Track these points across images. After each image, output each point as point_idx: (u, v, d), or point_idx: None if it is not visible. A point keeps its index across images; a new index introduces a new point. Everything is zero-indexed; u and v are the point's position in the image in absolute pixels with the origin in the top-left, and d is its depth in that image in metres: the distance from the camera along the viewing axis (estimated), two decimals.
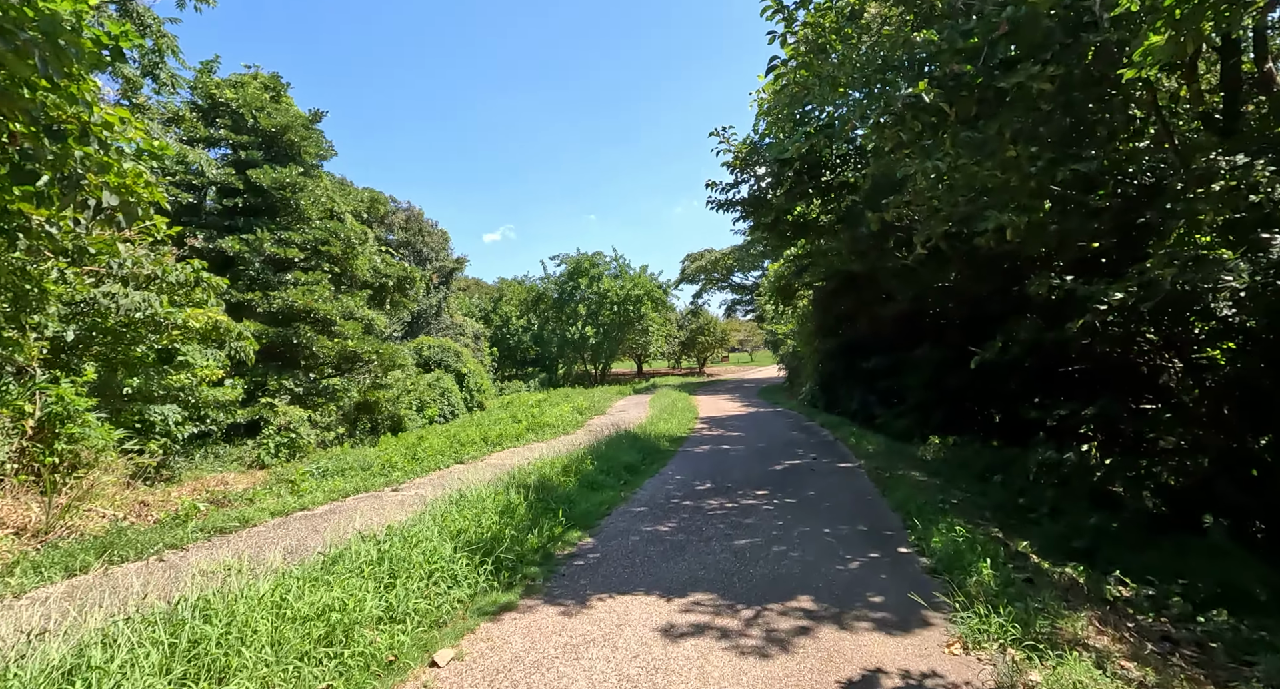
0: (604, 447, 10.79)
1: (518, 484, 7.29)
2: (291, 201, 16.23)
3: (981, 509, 7.73)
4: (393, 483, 9.73)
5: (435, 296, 34.96)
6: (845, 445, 12.80)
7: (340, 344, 16.28)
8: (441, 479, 9.86)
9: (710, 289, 44.30)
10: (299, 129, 16.75)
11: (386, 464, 10.84)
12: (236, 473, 12.88)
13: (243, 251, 15.17)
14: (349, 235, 17.76)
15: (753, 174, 9.86)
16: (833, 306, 17.94)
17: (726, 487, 9.02)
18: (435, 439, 15.09)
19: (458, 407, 25.28)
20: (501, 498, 6.51)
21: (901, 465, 10.22)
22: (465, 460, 11.72)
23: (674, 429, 15.25)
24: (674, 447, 12.90)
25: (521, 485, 7.15)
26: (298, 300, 15.42)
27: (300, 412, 15.22)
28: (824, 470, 10.14)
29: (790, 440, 13.75)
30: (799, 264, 17.64)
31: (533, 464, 8.77)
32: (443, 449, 13.72)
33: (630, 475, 9.68)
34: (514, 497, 6.64)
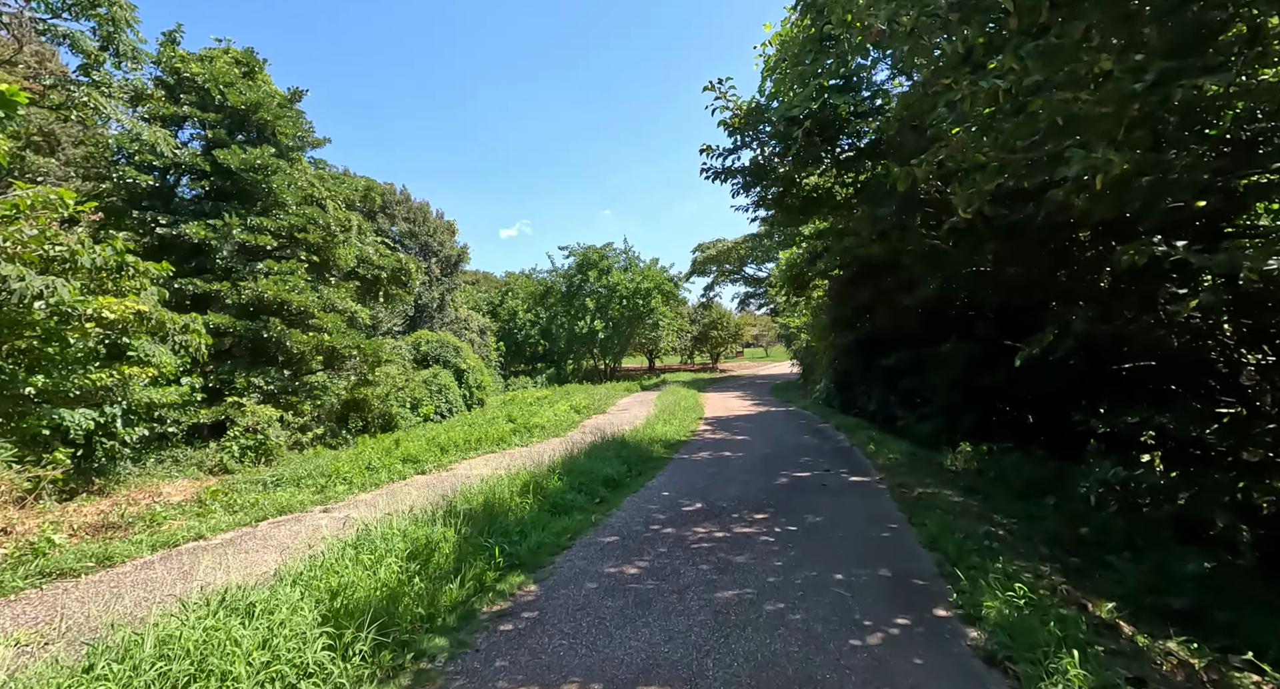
0: (583, 456, 9.31)
1: (453, 511, 5.84)
2: (263, 185, 14.93)
3: (1034, 543, 6.12)
4: (332, 499, 8.34)
5: (438, 289, 33.75)
6: (862, 453, 11.19)
7: (316, 339, 14.96)
8: (389, 495, 8.45)
9: (722, 281, 42.51)
10: (273, 107, 15.42)
11: (336, 474, 9.47)
12: (190, 479, 11.63)
13: (209, 238, 13.90)
14: (329, 223, 16.43)
15: (756, 138, 8.27)
16: (849, 297, 16.25)
17: (720, 507, 7.49)
18: (412, 442, 13.72)
19: (456, 404, 24.02)
20: (421, 532, 5.04)
21: (929, 479, 8.61)
22: (428, 470, 10.31)
23: (673, 432, 13.73)
24: (669, 453, 11.38)
25: (453, 514, 5.68)
26: (268, 291, 14.12)
27: (271, 411, 13.94)
28: (837, 486, 8.56)
29: (800, 446, 12.16)
30: (812, 251, 15.98)
31: (489, 480, 7.30)
32: (417, 453, 12.35)
33: (609, 492, 8.19)
34: (439, 530, 5.17)
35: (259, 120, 15.27)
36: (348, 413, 18.83)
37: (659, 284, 37.05)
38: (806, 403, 20.37)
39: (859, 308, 16.74)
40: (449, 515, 5.62)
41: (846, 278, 15.45)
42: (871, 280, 15.06)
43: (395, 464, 10.47)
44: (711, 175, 8.78)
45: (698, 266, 41.92)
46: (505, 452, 12.34)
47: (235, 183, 14.74)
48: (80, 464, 10.91)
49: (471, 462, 11.28)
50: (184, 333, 10.69)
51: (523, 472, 7.69)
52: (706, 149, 8.60)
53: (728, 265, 40.49)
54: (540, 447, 12.61)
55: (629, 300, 36.44)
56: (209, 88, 14.40)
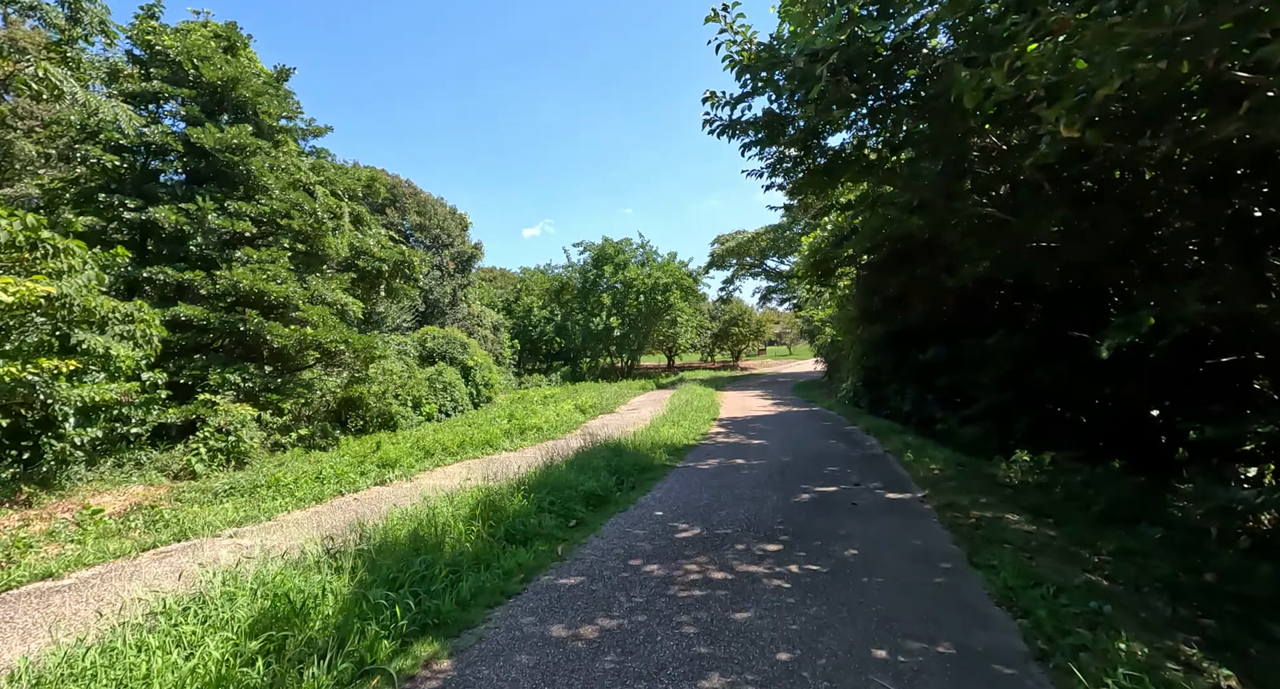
0: (565, 466, 7.81)
1: (370, 543, 4.39)
2: (241, 167, 13.74)
3: (1145, 596, 4.46)
4: (255, 519, 6.97)
5: (449, 285, 32.63)
6: (898, 462, 9.51)
7: (299, 333, 13.74)
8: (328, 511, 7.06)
9: (742, 275, 40.54)
10: (253, 84, 14.23)
11: (277, 486, 8.10)
12: (146, 485, 10.44)
13: (180, 223, 12.75)
14: (316, 209, 15.21)
15: (770, 83, 6.68)
16: (880, 286, 14.50)
17: (722, 535, 5.94)
18: (395, 445, 12.42)
19: (462, 402, 22.84)
20: (294, 585, 3.59)
21: (984, 498, 6.93)
22: (390, 480, 8.91)
23: (680, 435, 12.17)
24: (673, 460, 9.83)
25: (358, 552, 4.23)
26: (243, 281, 12.92)
27: (247, 410, 12.74)
28: (871, 506, 6.92)
29: (824, 453, 10.51)
30: (838, 233, 14.28)
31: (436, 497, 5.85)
32: (396, 457, 11.01)
33: (589, 512, 6.68)
34: (322, 579, 3.73)
35: (238, 98, 14.09)
36: (345, 412, 17.73)
37: (678, 279, 35.44)
38: (831, 403, 18.61)
39: (891, 297, 14.98)
40: (359, 554, 4.17)
41: (877, 263, 13.72)
42: (906, 264, 13.32)
43: (353, 473, 9.08)
44: (717, 129, 7.19)
45: (716, 259, 40.07)
46: (490, 457, 10.92)
47: (211, 164, 13.59)
48: (26, 468, 9.84)
49: (448, 469, 9.88)
50: (127, 322, 9.50)
51: (476, 489, 6.21)
52: (710, 97, 7.02)
53: (748, 258, 38.57)
54: (531, 451, 11.17)
55: (646, 296, 34.89)
56: (182, 62, 13.25)
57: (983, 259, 8.55)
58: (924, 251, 13.06)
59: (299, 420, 15.04)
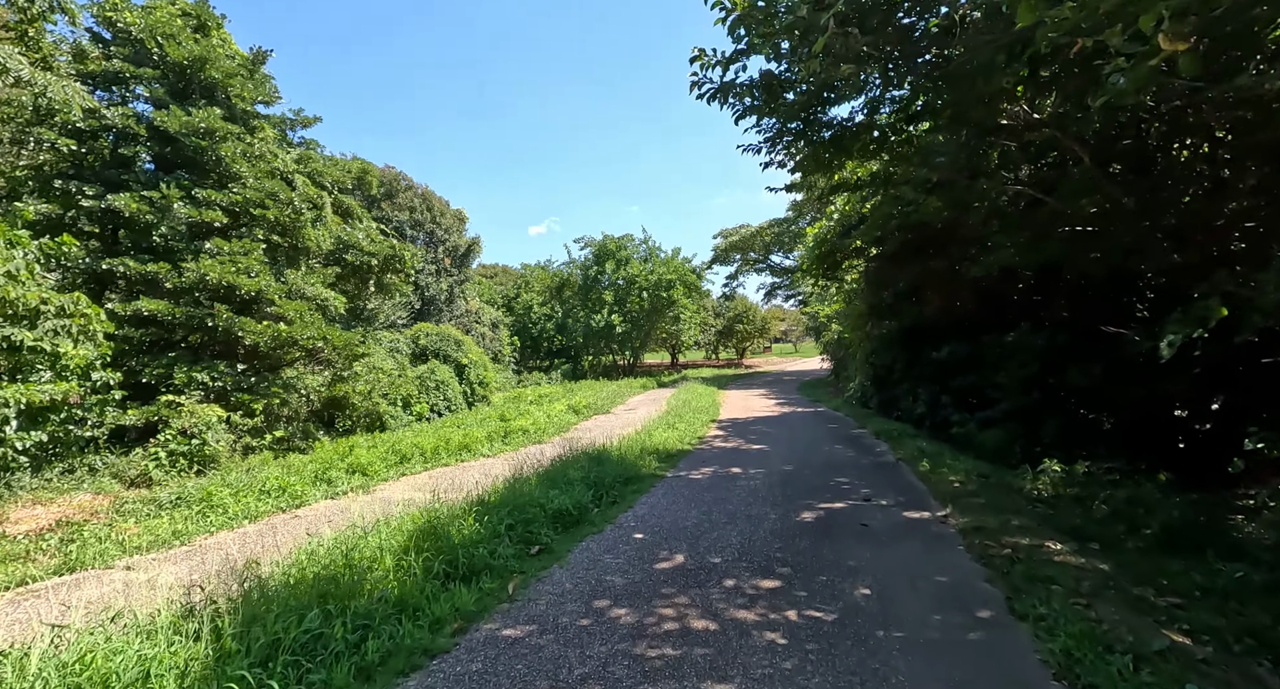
0: (535, 478, 6.88)
1: (254, 591, 3.47)
2: (210, 153, 12.87)
3: (1239, 658, 3.49)
4: (176, 540, 6.07)
5: (446, 281, 31.77)
6: (912, 472, 8.51)
7: (273, 329, 12.87)
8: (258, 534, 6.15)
9: (746, 271, 39.41)
10: (225, 65, 13.35)
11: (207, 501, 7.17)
12: (94, 494, 9.62)
13: (142, 212, 11.90)
14: (294, 199, 14.33)
15: (767, 38, 5.70)
16: (891, 278, 13.49)
17: (710, 565, 4.99)
18: (371, 449, 11.52)
19: (455, 401, 21.99)
20: (111, 667, 2.67)
21: (1016, 519, 5.92)
22: (344, 492, 7.99)
23: (675, 439, 11.21)
24: (663, 469, 8.88)
25: (238, 604, 3.31)
26: (210, 273, 12.05)
27: (215, 411, 11.89)
28: (885, 528, 5.95)
29: (830, 461, 9.53)
30: (846, 222, 13.27)
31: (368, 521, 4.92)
32: (368, 463, 10.14)
33: (558, 534, 5.74)
34: (161, 655, 2.80)
35: (206, 80, 13.20)
36: (331, 412, 16.92)
37: (681, 275, 34.46)
38: (838, 403, 17.61)
39: (902, 291, 13.98)
40: (233, 609, 3.25)
41: (888, 254, 12.71)
42: (920, 255, 12.32)
43: (304, 485, 8.15)
44: (708, 94, 6.21)
45: (719, 255, 38.96)
46: (465, 464, 10.01)
47: (178, 150, 12.72)
48: None
49: (415, 478, 8.97)
50: (62, 316, 8.63)
51: (416, 513, 5.25)
52: (699, 56, 6.04)
53: (752, 253, 37.46)
54: (511, 457, 10.24)
55: (649, 293, 33.94)
56: (145, 40, 12.38)
57: (1010, 245, 7.53)
58: (939, 241, 12.04)
59: (277, 421, 14.21)
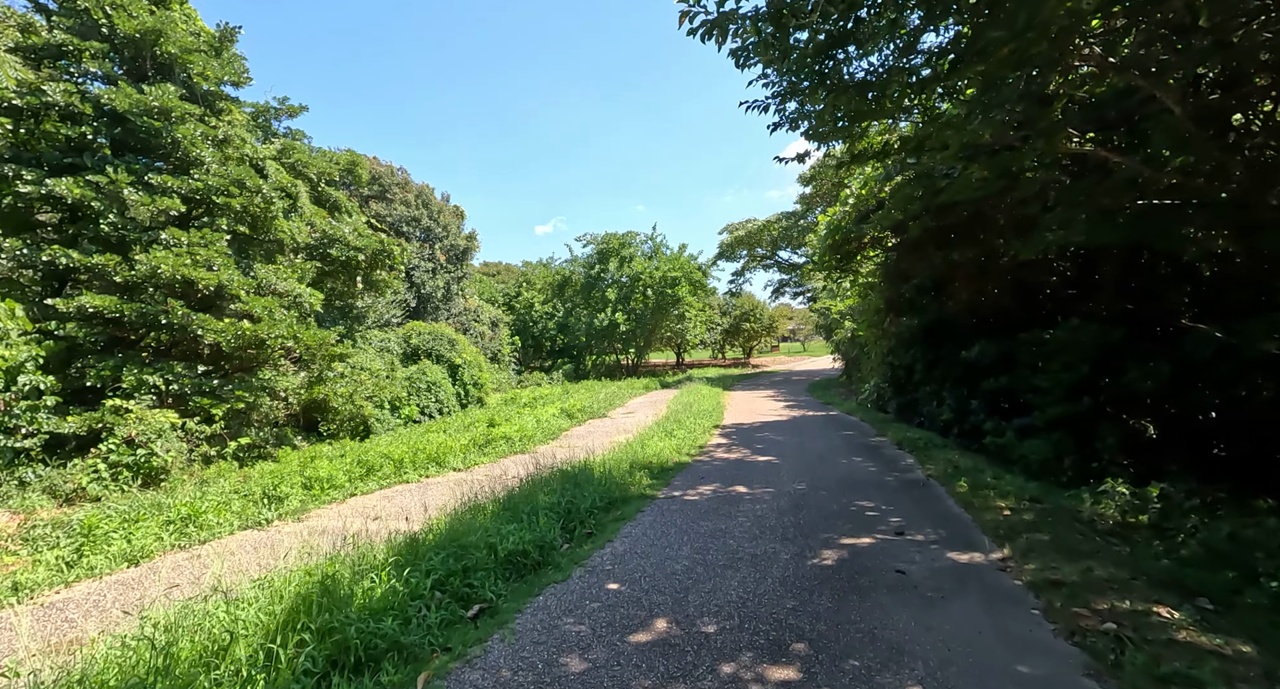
0: (493, 507, 5.59)
1: None
2: (166, 136, 11.69)
3: None
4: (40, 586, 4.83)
5: (442, 278, 30.59)
6: (948, 493, 7.16)
7: (236, 328, 11.68)
8: (122, 586, 4.90)
9: (753, 267, 37.90)
10: (183, 40, 12.15)
11: (89, 534, 5.89)
12: (12, 513, 8.46)
13: (86, 197, 10.73)
14: (264, 188, 13.12)
15: None
16: (913, 269, 12.12)
17: (700, 638, 3.69)
18: (335, 459, 10.31)
19: (448, 403, 20.84)
20: None
21: (1101, 569, 4.58)
22: (268, 522, 6.70)
23: (672, 449, 9.90)
24: (654, 488, 7.58)
25: None
26: (163, 265, 10.87)
27: (168, 417, 10.73)
28: (927, 577, 4.61)
29: (850, 476, 8.19)
30: (862, 208, 11.90)
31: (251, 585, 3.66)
32: (328, 476, 8.92)
33: (509, 584, 4.45)
34: None
35: (162, 56, 12.01)
36: (313, 416, 15.77)
37: (686, 272, 33.10)
38: (852, 406, 16.23)
39: (924, 285, 12.59)
40: None
41: (911, 242, 11.32)
42: (946, 243, 10.95)
43: (220, 511, 6.87)
44: (701, 29, 4.93)
45: (725, 250, 37.46)
46: (428, 481, 8.75)
47: (130, 132, 11.54)
48: None
49: (364, 499, 7.72)
50: None
51: (301, 571, 3.94)
52: None
53: (759, 249, 35.95)
54: (487, 471, 8.99)
55: (653, 290, 32.61)
56: (89, 8, 11.20)
57: (1072, 221, 6.16)
58: (969, 226, 10.65)
59: (245, 427, 13.05)
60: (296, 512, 6.99)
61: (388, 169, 30.05)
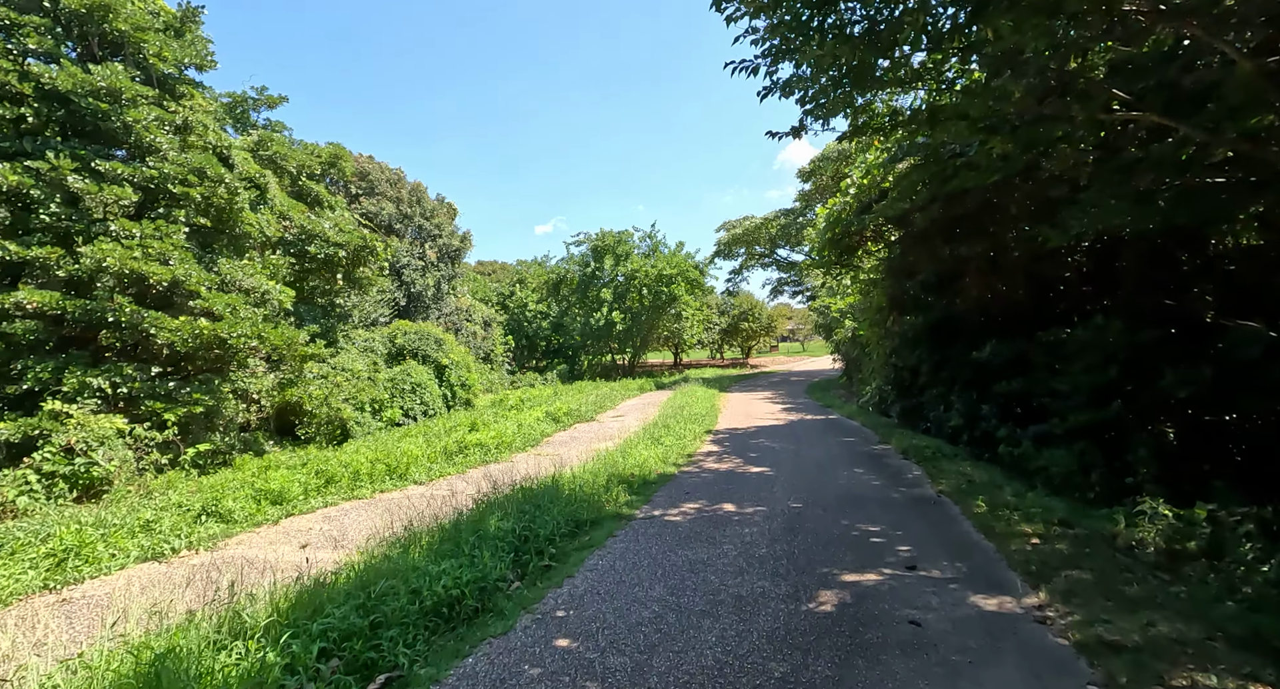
0: (427, 540, 4.71)
1: None
2: (116, 120, 10.82)
3: None
4: None
5: (433, 276, 29.72)
6: (966, 515, 6.26)
7: (193, 326, 10.81)
8: None
9: (751, 266, 36.92)
10: (136, 17, 11.28)
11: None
12: None
13: (25, 185, 9.87)
14: (227, 178, 12.25)
15: None
16: (919, 263, 11.24)
17: None
18: (287, 471, 9.43)
19: (433, 405, 20.00)
20: None
21: (1163, 621, 3.71)
22: (175, 552, 5.79)
23: (658, 458, 9.02)
24: (632, 506, 6.70)
25: None
26: (109, 259, 10.02)
27: (114, 423, 9.88)
28: (949, 631, 3.71)
29: (851, 492, 7.30)
30: (864, 198, 11.01)
31: None
32: (280, 489, 8.08)
33: (432, 642, 3.55)
34: None
35: (112, 34, 11.15)
36: (289, 419, 14.92)
37: (683, 271, 32.19)
38: (852, 410, 15.34)
39: (930, 281, 11.69)
40: None
41: (917, 234, 10.44)
42: (955, 234, 10.08)
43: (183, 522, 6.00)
44: None
45: (723, 248, 36.48)
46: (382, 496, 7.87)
47: (75, 115, 10.68)
48: None
49: (299, 520, 6.85)
50: None
51: (141, 642, 3.06)
52: None
53: (758, 247, 35.03)
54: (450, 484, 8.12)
55: (649, 289, 31.72)
56: None
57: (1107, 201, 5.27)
58: (979, 216, 9.78)
59: (209, 432, 12.17)
60: (215, 537, 6.07)
61: (379, 166, 29.15)
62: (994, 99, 4.77)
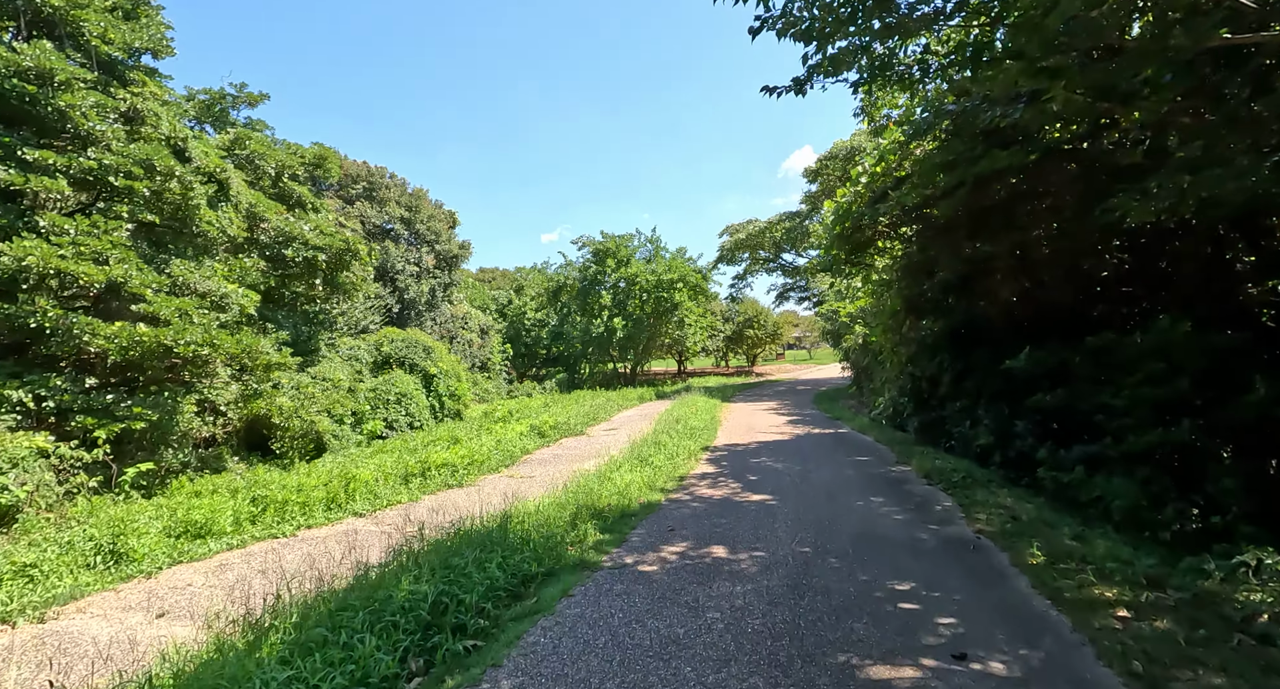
0: (299, 617, 3.47)
1: None
2: (47, 105, 9.73)
3: None
4: None
5: (428, 283, 28.61)
6: (1015, 563, 4.91)
7: (132, 333, 9.65)
8: None
9: (756, 271, 35.52)
10: None
11: None
12: None
13: None
14: (174, 169, 11.13)
15: None
16: (939, 261, 9.94)
17: None
18: (213, 498, 8.22)
19: (420, 416, 18.82)
20: None
21: None
22: (19, 622, 4.57)
23: (642, 484, 7.70)
24: (601, 549, 5.40)
25: None
26: (30, 258, 8.88)
27: (34, 441, 8.70)
28: None
29: (870, 530, 5.96)
30: (876, 188, 9.72)
31: None
32: (207, 520, 6.87)
33: None
34: None
35: (44, 10, 10.08)
36: (264, 433, 13.78)
37: (684, 276, 30.93)
38: (864, 423, 13.98)
39: (951, 281, 10.37)
40: None
41: (940, 225, 9.14)
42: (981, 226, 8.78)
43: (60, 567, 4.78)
44: None
45: (726, 253, 35.15)
46: (309, 533, 6.61)
47: None
48: None
49: (190, 568, 5.58)
50: None
51: None
52: None
53: (762, 252, 33.72)
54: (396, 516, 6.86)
55: (651, 295, 30.46)
56: None
57: (1211, 167, 3.95)
58: (1010, 205, 8.48)
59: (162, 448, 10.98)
60: (57, 600, 4.77)
61: (378, 171, 28.10)
62: (1065, 25, 3.49)
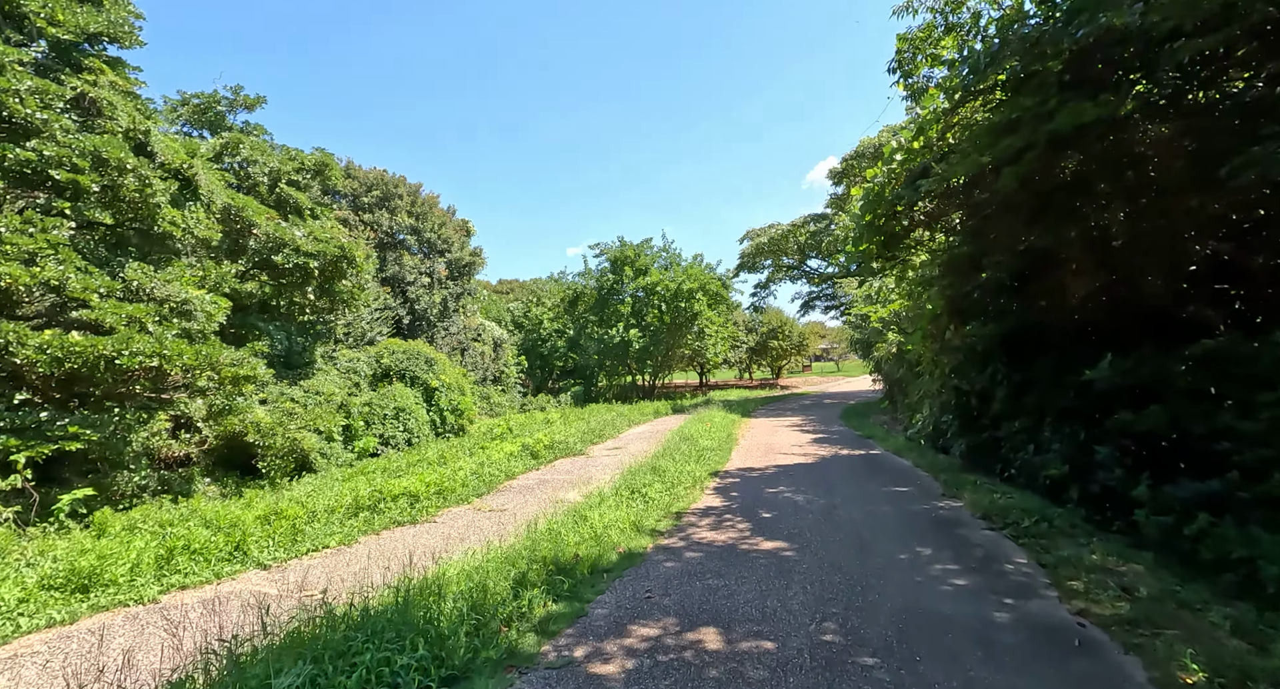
0: None
1: None
2: None
3: None
4: None
5: (439, 293, 27.54)
6: (1154, 683, 3.22)
7: (62, 342, 8.50)
8: None
9: (779, 278, 33.56)
10: None
11: None
12: None
13: None
14: (127, 162, 10.04)
15: None
16: (998, 247, 8.20)
17: None
18: (133, 538, 6.90)
19: (419, 431, 17.58)
20: None
21: None
22: None
23: (628, 523, 6.11)
24: (544, 636, 3.84)
25: None
26: None
27: None
28: None
29: (919, 605, 4.28)
30: (914, 164, 8.04)
31: None
32: (96, 569, 5.56)
33: None
34: None
35: None
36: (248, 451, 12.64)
37: (704, 284, 29.31)
38: (899, 443, 12.15)
39: (1004, 278, 8.61)
40: None
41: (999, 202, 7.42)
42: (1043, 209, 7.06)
43: None
44: None
45: (747, 260, 33.27)
46: (191, 592, 5.19)
47: None
48: None
49: (33, 639, 4.20)
50: None
51: None
52: None
53: (785, 258, 31.84)
54: (329, 561, 5.42)
55: (668, 304, 28.91)
56: None
57: None
58: (1087, 180, 6.75)
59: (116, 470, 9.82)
60: None
61: (392, 179, 27.22)
62: None
